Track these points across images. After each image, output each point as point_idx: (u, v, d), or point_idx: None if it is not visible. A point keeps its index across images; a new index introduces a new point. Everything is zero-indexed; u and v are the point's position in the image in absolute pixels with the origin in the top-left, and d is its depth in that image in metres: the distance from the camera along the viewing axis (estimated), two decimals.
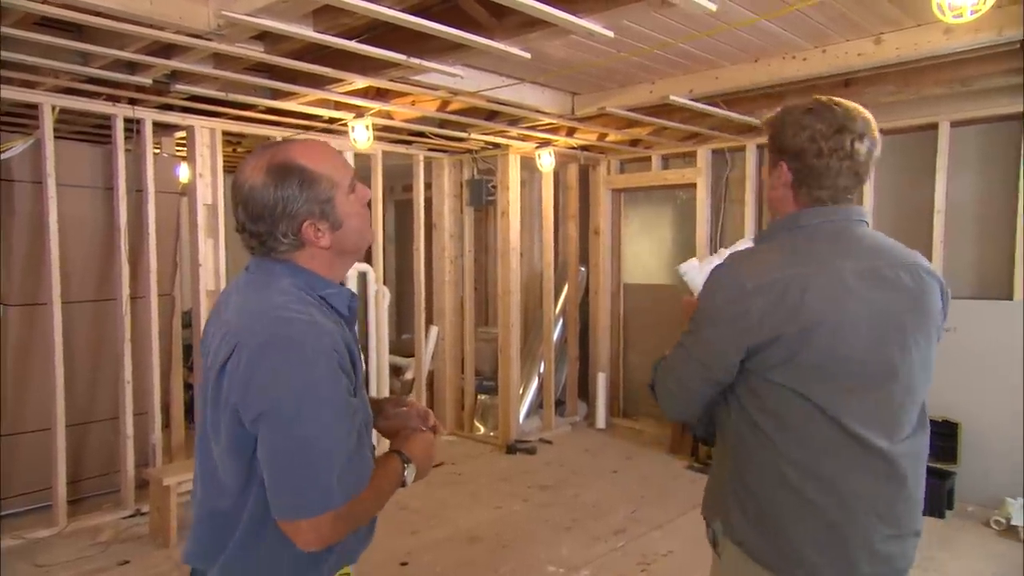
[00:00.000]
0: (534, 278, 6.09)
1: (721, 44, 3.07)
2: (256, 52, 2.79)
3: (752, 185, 5.07)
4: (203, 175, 4.16)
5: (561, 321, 6.05)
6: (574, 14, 2.30)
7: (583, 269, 6.13)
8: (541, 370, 5.83)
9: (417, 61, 2.82)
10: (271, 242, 1.16)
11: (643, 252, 6.03)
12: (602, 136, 4.98)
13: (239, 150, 5.63)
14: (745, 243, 1.66)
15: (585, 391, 6.13)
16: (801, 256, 1.31)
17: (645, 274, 6.02)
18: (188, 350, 4.86)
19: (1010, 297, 4.00)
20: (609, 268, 6.04)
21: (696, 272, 1.70)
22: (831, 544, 1.28)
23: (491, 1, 2.43)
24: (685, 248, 5.64)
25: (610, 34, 2.46)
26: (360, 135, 3.96)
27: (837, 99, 1.37)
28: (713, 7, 2.21)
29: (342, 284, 1.25)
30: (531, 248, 6.14)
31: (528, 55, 2.74)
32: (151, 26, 2.48)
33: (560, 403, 6.05)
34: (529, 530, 3.82)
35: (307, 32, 2.50)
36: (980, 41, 2.79)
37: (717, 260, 1.57)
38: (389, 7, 2.24)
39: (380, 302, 5.08)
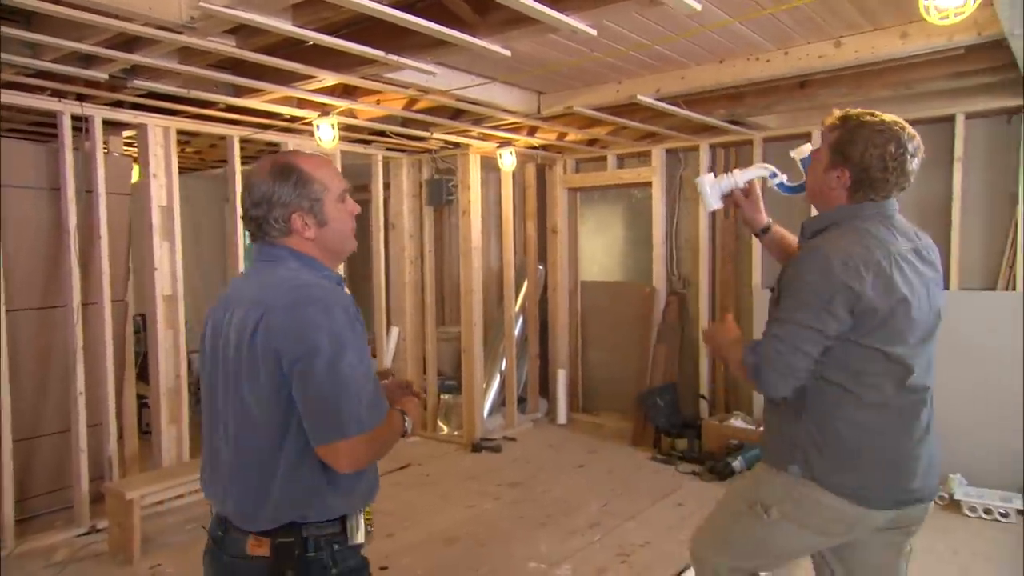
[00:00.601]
0: (493, 276, 6.06)
1: (690, 45, 3.11)
2: (228, 47, 2.65)
3: None
4: (157, 176, 3.95)
5: (521, 319, 6.03)
6: (562, 11, 2.28)
7: (541, 267, 6.13)
8: (503, 368, 5.81)
9: (395, 58, 2.74)
10: (265, 226, 1.38)
11: (599, 250, 6.08)
12: (562, 136, 4.99)
13: (188, 150, 5.38)
14: (760, 169, 1.96)
15: (546, 388, 6.14)
16: (878, 241, 1.58)
17: (602, 271, 6.08)
18: (140, 358, 4.61)
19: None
20: (566, 266, 6.07)
21: (707, 186, 1.93)
22: (889, 473, 1.60)
23: None
24: (640, 245, 5.72)
25: (593, 32, 2.45)
26: (325, 134, 3.83)
27: (899, 119, 1.62)
28: (698, 7, 2.23)
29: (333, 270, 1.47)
30: (489, 247, 6.10)
31: (508, 53, 2.70)
32: (117, 17, 2.33)
33: (522, 400, 6.04)
34: (504, 528, 3.79)
35: (286, 26, 2.39)
36: (932, 46, 2.92)
37: (730, 178, 1.94)
38: (376, 1, 2.17)
39: None
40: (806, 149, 1.83)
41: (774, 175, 1.93)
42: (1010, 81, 3.74)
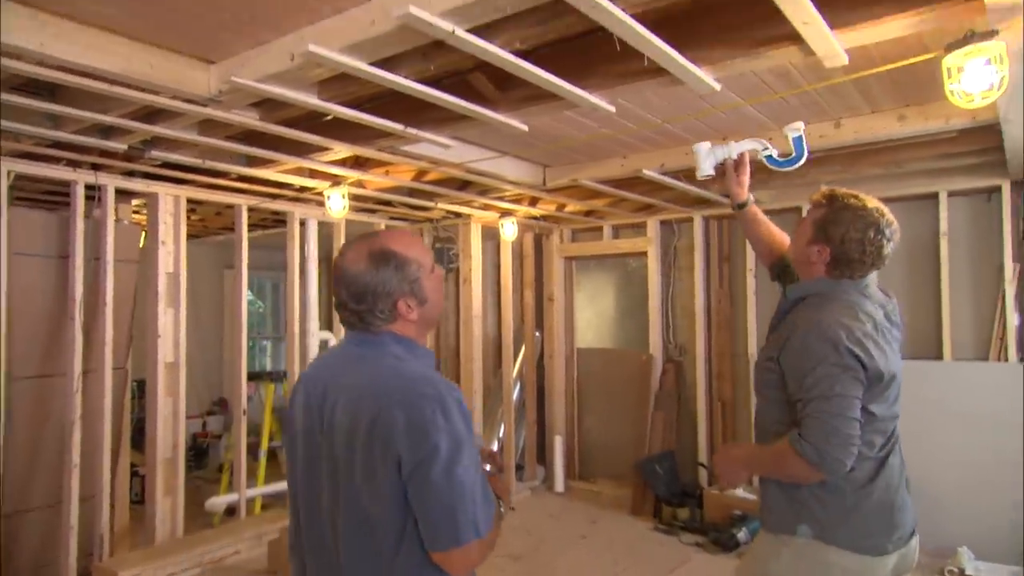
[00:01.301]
0: (491, 343, 5.95)
1: (697, 123, 3.14)
2: (251, 119, 2.62)
3: (700, 254, 5.18)
4: (165, 243, 3.86)
5: (519, 385, 5.90)
6: (584, 89, 2.28)
7: (538, 334, 6.05)
8: (501, 435, 5.63)
9: (414, 131, 2.72)
10: (369, 317, 1.32)
11: (594, 317, 6.03)
12: (561, 207, 5.00)
13: (193, 217, 5.31)
14: (753, 142, 1.99)
15: (543, 454, 5.96)
16: (866, 315, 1.67)
17: (597, 338, 6.00)
18: (136, 424, 4.41)
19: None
20: (563, 333, 5.99)
21: (703, 153, 1.98)
22: (885, 515, 1.65)
23: (496, 74, 2.40)
24: (635, 313, 5.68)
25: (612, 109, 2.45)
26: (336, 204, 3.79)
27: (879, 203, 1.70)
28: (717, 87, 2.24)
29: (428, 348, 1.44)
30: (487, 314, 6.02)
31: (526, 128, 2.70)
32: (144, 90, 2.29)
33: (520, 467, 5.84)
34: None
35: (312, 100, 2.37)
36: (929, 128, 2.97)
37: (725, 148, 1.98)
38: (404, 76, 2.15)
39: None
40: (799, 127, 1.91)
41: (766, 148, 1.96)
42: (992, 163, 3.83)
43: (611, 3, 1.63)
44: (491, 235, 5.53)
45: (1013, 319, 4.13)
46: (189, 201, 4.05)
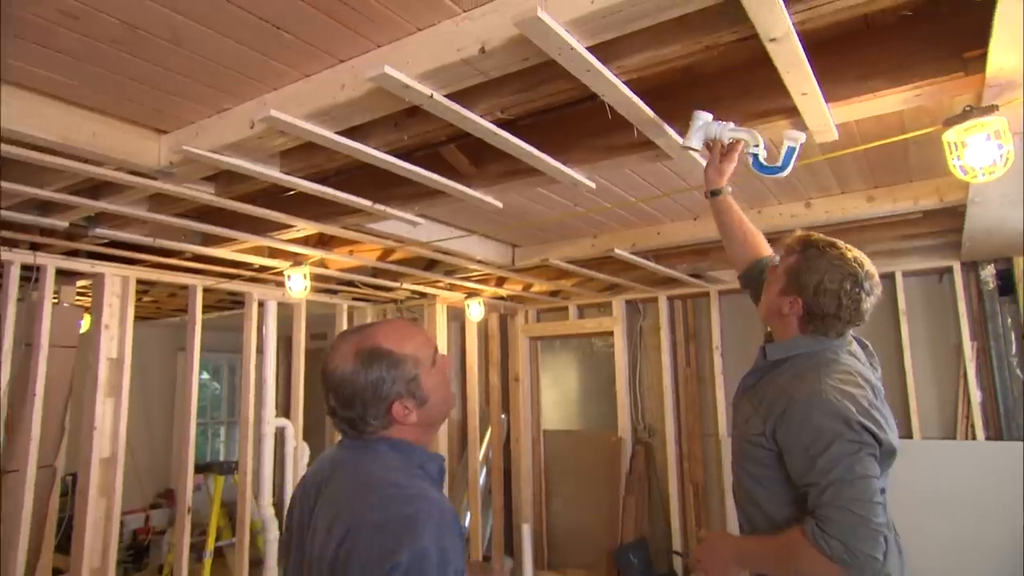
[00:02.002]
0: (455, 427, 5.57)
1: (670, 202, 3.00)
2: (206, 194, 2.34)
3: (666, 333, 5.00)
4: (109, 326, 3.47)
5: (484, 470, 5.49)
6: (565, 163, 2.10)
7: (504, 416, 5.69)
8: (467, 523, 5.17)
9: (382, 208, 2.49)
10: (361, 425, 1.15)
11: (561, 398, 5.72)
12: (528, 287, 4.78)
13: (145, 299, 4.90)
14: (748, 134, 1.69)
15: (510, 544, 5.48)
16: (862, 378, 1.45)
17: (564, 420, 5.68)
18: (64, 524, 3.83)
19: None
20: (529, 415, 5.65)
21: (700, 123, 1.69)
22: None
23: (471, 147, 2.20)
24: (601, 394, 5.41)
25: (592, 185, 2.27)
26: (296, 284, 3.48)
27: (860, 253, 1.52)
28: (704, 160, 2.08)
29: (433, 451, 1.21)
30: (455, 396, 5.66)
31: (501, 205, 2.49)
32: (88, 161, 2.01)
33: (486, 559, 5.34)
34: None
35: (273, 173, 2.11)
36: (898, 209, 2.88)
37: (722, 127, 1.69)
38: (374, 148, 1.93)
39: (299, 459, 4.35)
40: (798, 137, 1.66)
41: (756, 146, 1.70)
42: (945, 244, 3.79)
43: (606, 68, 1.45)
44: (456, 315, 5.27)
45: (976, 396, 4.02)
46: (140, 282, 3.69)
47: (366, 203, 2.43)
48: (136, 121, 1.95)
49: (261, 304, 4.36)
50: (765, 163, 1.72)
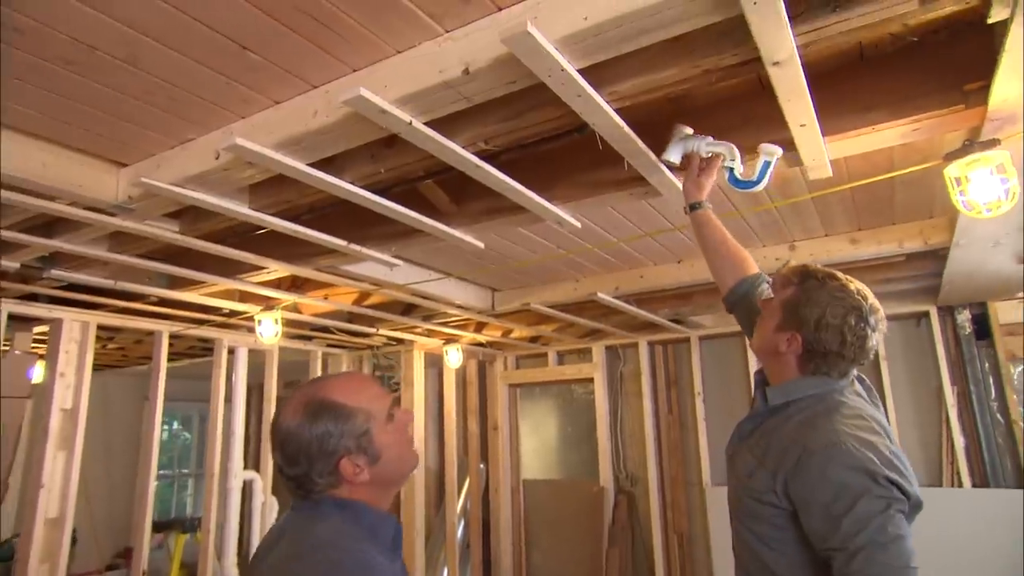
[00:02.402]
0: (433, 477, 5.29)
1: (653, 243, 2.88)
2: (169, 232, 2.16)
3: (647, 379, 4.84)
4: (64, 375, 3.20)
5: (463, 522, 5.18)
6: (549, 200, 1.97)
7: (483, 466, 5.43)
8: None
9: (358, 248, 2.32)
10: (308, 484, 1.02)
11: (540, 446, 5.48)
12: (507, 332, 4.61)
13: (110, 346, 4.62)
14: (725, 147, 1.59)
15: None
16: (876, 421, 1.27)
17: (544, 469, 5.43)
18: None
19: None
20: (508, 464, 5.39)
21: (679, 138, 1.61)
22: None
23: (452, 184, 2.07)
24: (581, 442, 5.19)
25: (577, 225, 2.14)
26: (267, 330, 3.27)
27: (862, 285, 1.35)
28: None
29: (388, 513, 1.08)
30: (429, 446, 5.39)
31: (482, 245, 2.34)
32: (39, 195, 1.82)
33: None
34: None
35: (242, 210, 1.94)
36: (882, 252, 2.81)
37: (700, 141, 1.60)
38: (349, 182, 1.78)
39: (267, 515, 4.03)
40: (775, 151, 1.55)
41: (732, 159, 1.60)
42: (922, 289, 3.74)
43: (598, 94, 1.33)
44: (434, 362, 5.05)
45: (959, 442, 3.90)
46: (102, 328, 3.44)
47: (340, 243, 2.27)
48: (91, 151, 1.78)
49: (231, 351, 4.11)
50: (741, 178, 1.62)
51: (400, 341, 4.62)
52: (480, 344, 4.93)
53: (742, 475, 1.39)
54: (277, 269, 2.64)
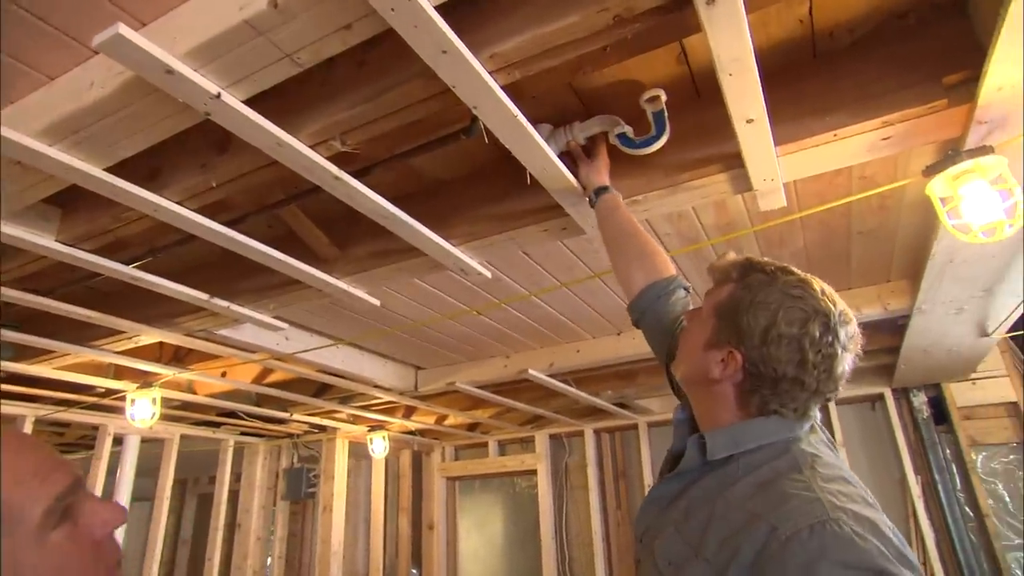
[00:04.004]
0: None
1: (590, 312, 2.43)
2: None
3: (594, 471, 4.24)
4: None
5: None
6: (448, 239, 1.51)
7: (415, 571, 4.61)
8: None
9: (224, 304, 1.80)
10: None
11: (482, 548, 4.72)
12: (441, 419, 4.01)
13: None
14: (601, 122, 1.28)
15: None
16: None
17: (484, 574, 4.64)
18: None
19: None
20: (444, 569, 4.60)
21: (545, 138, 1.21)
22: None
23: (332, 221, 1.60)
24: (527, 542, 4.47)
25: (487, 274, 1.67)
26: (142, 411, 2.63)
27: (826, 285, 0.84)
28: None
29: None
30: (357, 547, 4.58)
31: (377, 302, 1.85)
32: None
33: None
34: None
35: (47, 243, 1.42)
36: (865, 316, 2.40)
37: (566, 133, 1.30)
38: (176, 201, 1.29)
39: None
40: (658, 94, 1.22)
41: (617, 126, 1.27)
42: (874, 368, 3.36)
43: (472, 56, 0.90)
44: (363, 453, 4.37)
45: (929, 536, 3.38)
46: None
47: (200, 296, 1.74)
48: None
49: (119, 440, 3.40)
50: (636, 138, 1.27)
51: (323, 428, 3.97)
52: (411, 432, 4.29)
53: (663, 566, 0.82)
54: (137, 333, 2.07)
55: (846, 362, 0.81)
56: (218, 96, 0.96)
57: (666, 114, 1.24)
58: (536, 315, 2.41)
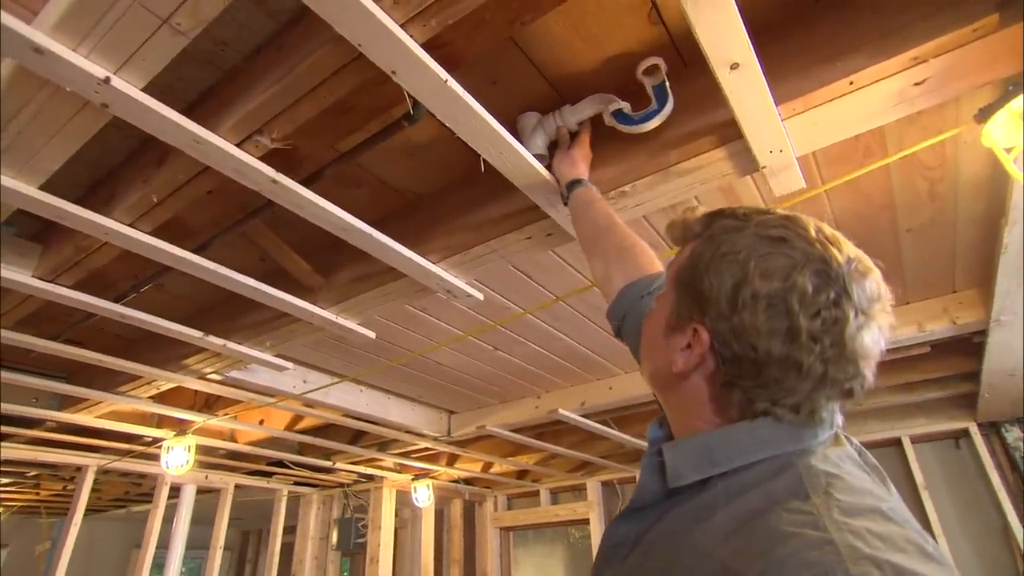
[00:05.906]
0: None
1: (617, 345, 2.11)
2: None
3: None
4: None
5: None
6: (425, 255, 1.28)
7: None
8: None
9: (220, 342, 1.63)
10: None
11: None
12: (487, 466, 3.69)
13: (45, 491, 3.84)
14: (594, 104, 1.03)
15: None
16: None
17: None
18: None
19: None
20: None
21: (532, 128, 1.06)
22: None
23: (312, 249, 1.42)
24: None
25: (479, 296, 1.43)
26: (176, 459, 2.48)
27: (829, 228, 0.53)
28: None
29: None
30: None
31: (372, 334, 1.63)
32: None
33: None
34: None
35: (23, 279, 1.30)
36: (900, 339, 1.97)
37: (555, 118, 1.06)
38: (126, 223, 1.14)
39: None
40: (657, 63, 0.99)
41: (612, 103, 1.03)
42: (957, 398, 2.80)
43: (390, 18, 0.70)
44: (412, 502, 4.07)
45: None
46: (8, 463, 2.72)
47: (193, 333, 1.58)
48: None
49: (176, 489, 3.29)
50: (634, 114, 1.01)
51: (370, 478, 3.73)
52: (460, 481, 3.98)
53: None
54: (155, 378, 1.94)
55: (869, 332, 0.49)
56: (107, 81, 0.79)
57: (668, 83, 0.98)
58: (558, 349, 2.12)
